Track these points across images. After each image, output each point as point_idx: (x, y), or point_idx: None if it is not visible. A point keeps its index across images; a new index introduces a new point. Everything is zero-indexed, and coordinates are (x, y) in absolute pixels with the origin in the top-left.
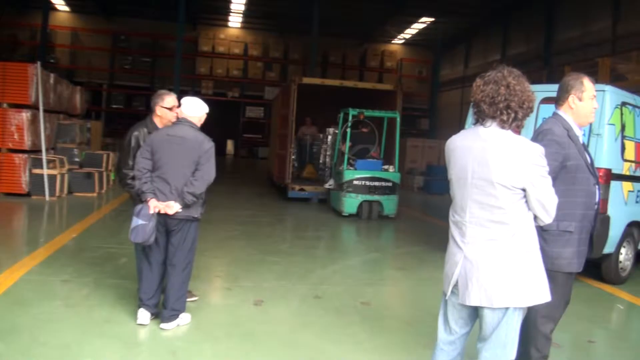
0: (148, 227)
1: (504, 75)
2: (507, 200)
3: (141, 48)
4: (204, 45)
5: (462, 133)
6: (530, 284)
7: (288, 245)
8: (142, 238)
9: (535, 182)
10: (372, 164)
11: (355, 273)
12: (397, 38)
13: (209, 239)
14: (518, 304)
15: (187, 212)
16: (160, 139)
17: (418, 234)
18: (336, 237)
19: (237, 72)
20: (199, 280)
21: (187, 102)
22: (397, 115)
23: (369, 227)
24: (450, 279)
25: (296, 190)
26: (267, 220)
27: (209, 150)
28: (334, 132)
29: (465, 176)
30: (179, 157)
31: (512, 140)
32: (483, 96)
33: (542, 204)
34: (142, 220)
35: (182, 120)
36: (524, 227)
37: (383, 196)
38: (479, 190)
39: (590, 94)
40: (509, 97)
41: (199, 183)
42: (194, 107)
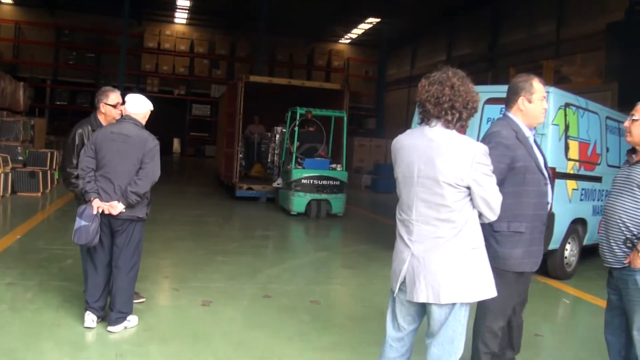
0: (91, 228)
1: (448, 76)
2: (453, 199)
3: (86, 43)
4: (150, 42)
5: (408, 132)
6: (476, 280)
7: (236, 244)
8: (85, 239)
9: (480, 180)
10: (320, 163)
11: (305, 272)
12: (344, 38)
13: (156, 240)
14: (464, 300)
15: (131, 212)
16: (104, 137)
17: (366, 232)
18: (285, 236)
19: (183, 70)
20: (147, 281)
21: (131, 99)
22: (344, 115)
23: (317, 225)
24: (398, 276)
25: (244, 190)
26: (215, 220)
27: (154, 148)
28: (282, 131)
29: (412, 175)
30: (123, 155)
31: (456, 140)
32: (428, 96)
33: (487, 201)
34: (85, 221)
35: (126, 118)
36: (470, 224)
37: (331, 195)
38: (425, 189)
39: (540, 96)
40: (454, 98)
41: (143, 182)
42: (138, 104)
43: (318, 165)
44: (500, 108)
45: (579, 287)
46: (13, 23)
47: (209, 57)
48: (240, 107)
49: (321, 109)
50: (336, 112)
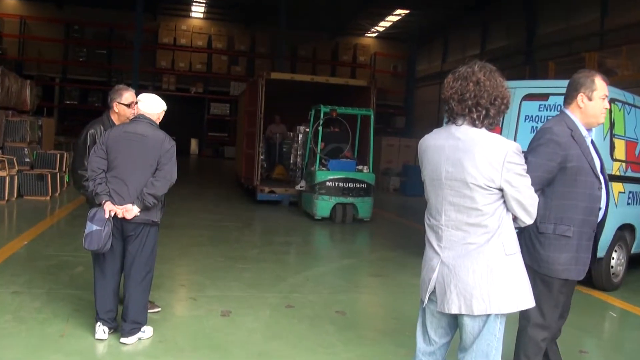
0: (103, 233)
1: (473, 71)
2: (484, 202)
3: (97, 39)
4: (165, 37)
5: (434, 132)
6: (512, 289)
7: (257, 251)
8: (97, 245)
9: (512, 181)
10: (345, 165)
11: (329, 280)
12: (370, 31)
13: (172, 246)
14: (499, 311)
15: (146, 215)
16: (117, 136)
17: (395, 238)
18: (308, 242)
19: (200, 66)
20: (162, 290)
21: (144, 99)
22: (371, 113)
23: (343, 231)
24: (427, 285)
25: (265, 193)
26: (234, 224)
27: (171, 149)
28: (305, 131)
29: (439, 177)
30: (138, 156)
31: (485, 139)
32: (452, 93)
33: (521, 204)
34: (96, 226)
35: (140, 117)
36: (503, 229)
37: (357, 198)
38: (454, 192)
39: (601, 94)
40: (479, 94)
41: (161, 184)
42: (152, 104)
43: (343, 166)
44: (539, 105)
45: (627, 299)
46: (18, 18)
47: (228, 53)
48: (261, 105)
49: (346, 107)
50: (362, 110)
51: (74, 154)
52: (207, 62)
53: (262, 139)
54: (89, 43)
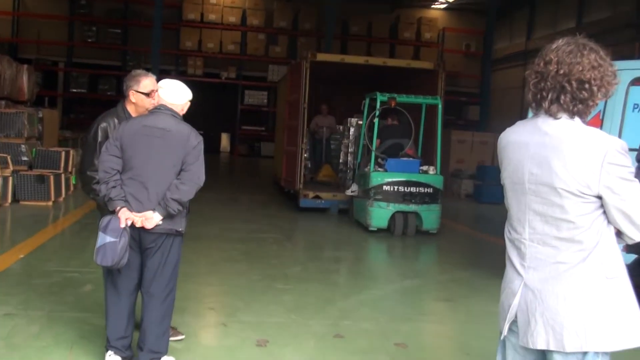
0: (119, 245)
1: (558, 47)
2: (578, 212)
3: (109, 16)
4: (190, 12)
5: (517, 125)
6: (615, 320)
7: (300, 268)
8: (111, 260)
9: (615, 186)
10: (406, 165)
11: (387, 305)
12: (437, 2)
13: (200, 262)
14: (599, 348)
15: (169, 224)
16: (134, 130)
17: (467, 255)
18: (362, 258)
19: (233, 47)
20: (187, 313)
21: (166, 86)
22: (439, 102)
23: (403, 245)
24: (506, 313)
25: (310, 198)
26: (273, 236)
27: (197, 146)
28: (358, 124)
29: (521, 181)
30: (160, 154)
31: (578, 133)
32: (537, 76)
33: (627, 215)
34: (110, 237)
35: (161, 108)
36: (603, 246)
37: (421, 206)
38: (540, 199)
39: None
40: (570, 76)
41: (187, 187)
42: (176, 93)
43: (404, 167)
44: None
45: None
46: None
47: (266, 31)
48: (305, 93)
49: (408, 95)
50: (428, 99)
51: (82, 152)
52: (240, 41)
53: (306, 134)
54: (99, 20)
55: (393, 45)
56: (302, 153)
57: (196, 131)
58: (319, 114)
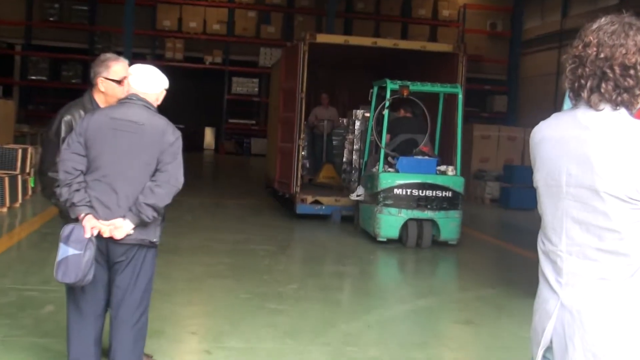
0: (83, 259)
1: (600, 26)
2: (624, 220)
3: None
4: None
5: (553, 118)
6: None
7: (297, 286)
8: (74, 276)
9: None
10: (421, 164)
11: (399, 329)
12: None
13: (179, 277)
14: None
15: (141, 234)
16: (100, 124)
17: (492, 269)
18: (369, 273)
19: (218, 27)
20: (163, 338)
21: (138, 72)
22: (459, 90)
23: (418, 258)
24: (540, 338)
25: (308, 204)
26: (265, 248)
27: (175, 143)
28: (364, 116)
29: (558, 183)
30: (131, 151)
31: (627, 127)
32: (576, 61)
33: None
34: (73, 249)
35: (133, 98)
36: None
37: (439, 212)
38: (580, 204)
39: None
40: (612, 60)
41: (163, 190)
42: (149, 80)
43: (419, 167)
44: None
45: None
46: None
47: (257, 8)
48: (302, 81)
49: (423, 83)
50: (447, 87)
51: (42, 150)
52: (227, 20)
53: (303, 129)
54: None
55: (405, 24)
56: (299, 151)
57: (173, 125)
58: (318, 105)
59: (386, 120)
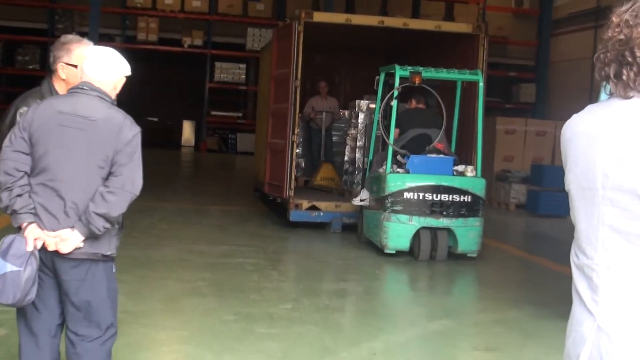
0: (23, 276)
1: (635, 8)
2: None
3: None
4: None
5: (587, 110)
6: None
7: (290, 306)
8: (12, 296)
9: None
10: (436, 164)
11: (410, 356)
12: None
13: (153, 296)
14: None
15: (92, 246)
16: (45, 118)
17: (518, 287)
18: (374, 292)
19: (199, 4)
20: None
21: (92, 56)
22: (480, 78)
23: (431, 274)
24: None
25: (304, 210)
26: (253, 262)
27: (133, 140)
28: (369, 108)
29: (593, 185)
30: (81, 151)
31: None
32: (605, 46)
33: None
34: (12, 265)
35: (84, 87)
36: None
37: (456, 220)
38: (618, 210)
39: None
40: (632, 42)
41: (117, 197)
42: (105, 65)
43: (433, 166)
44: None
45: None
46: None
47: None
48: (296, 67)
49: (438, 69)
50: (465, 74)
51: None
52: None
53: (298, 122)
54: None
55: (417, 1)
56: (293, 148)
57: (132, 119)
58: (316, 95)
59: (395, 112)
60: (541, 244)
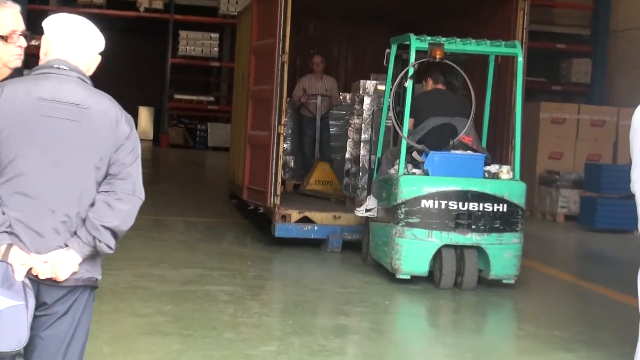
0: (27, 311)
1: None
2: None
3: None
4: None
5: None
6: None
7: (275, 347)
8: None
9: None
10: (462, 163)
11: None
12: None
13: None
14: None
15: (89, 270)
16: (21, 108)
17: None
18: (383, 329)
19: None
20: None
21: (60, 25)
22: (519, 52)
23: (457, 306)
24: None
25: (293, 222)
26: (228, 289)
27: (132, 135)
28: (377, 90)
29: None
30: (73, 149)
31: None
32: None
33: None
34: (8, 299)
35: (62, 66)
36: None
37: (487, 236)
38: None
39: None
40: None
41: (129, 206)
42: (82, 40)
43: (458, 167)
44: None
45: None
46: None
47: None
48: (284, 37)
49: (465, 40)
50: (499, 46)
51: None
52: None
53: (286, 109)
54: None
55: None
56: (280, 143)
57: (120, 107)
58: (309, 74)
59: (409, 95)
60: (598, 267)
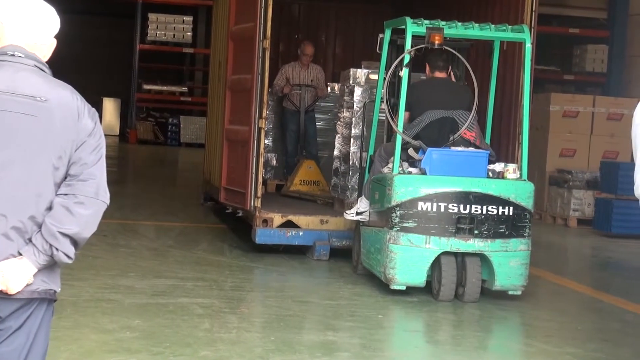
0: None
1: None
2: None
3: None
4: None
5: None
6: None
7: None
8: None
9: None
10: (464, 161)
11: None
12: None
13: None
14: None
15: (45, 281)
16: None
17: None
18: (376, 346)
19: None
20: None
21: (14, 8)
22: (527, 37)
23: (458, 320)
24: None
25: (275, 227)
26: (204, 302)
27: (95, 130)
28: (369, 80)
29: None
30: (29, 145)
31: None
32: None
33: None
34: None
35: (17, 53)
36: None
37: (492, 242)
38: None
39: None
40: None
41: (91, 211)
42: (37, 22)
43: (459, 164)
44: None
45: None
46: None
47: None
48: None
49: (466, 23)
50: (505, 31)
51: None
52: None
53: (267, 101)
54: None
55: None
56: (261, 138)
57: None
58: (293, 62)
59: (405, 86)
60: (615, 277)
